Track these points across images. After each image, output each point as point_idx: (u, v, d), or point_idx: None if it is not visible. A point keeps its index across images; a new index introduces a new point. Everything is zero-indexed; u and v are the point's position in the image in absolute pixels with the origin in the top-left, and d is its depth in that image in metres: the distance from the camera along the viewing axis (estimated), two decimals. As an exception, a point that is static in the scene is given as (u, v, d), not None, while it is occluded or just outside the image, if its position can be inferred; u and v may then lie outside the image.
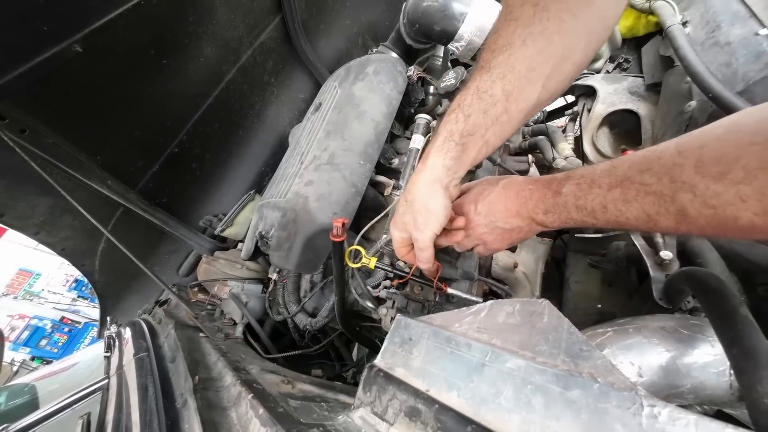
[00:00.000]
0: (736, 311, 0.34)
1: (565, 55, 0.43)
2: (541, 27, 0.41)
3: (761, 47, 0.61)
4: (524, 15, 0.42)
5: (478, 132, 0.46)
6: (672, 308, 0.53)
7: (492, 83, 0.44)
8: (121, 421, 0.49)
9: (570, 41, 0.42)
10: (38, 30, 0.74)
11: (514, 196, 0.48)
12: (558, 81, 0.45)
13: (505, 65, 0.43)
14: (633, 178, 0.35)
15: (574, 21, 0.41)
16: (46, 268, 6.22)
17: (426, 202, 0.49)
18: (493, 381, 0.37)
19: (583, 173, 0.41)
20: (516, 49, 0.42)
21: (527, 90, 0.44)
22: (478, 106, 0.45)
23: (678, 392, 0.38)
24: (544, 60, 0.42)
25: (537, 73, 0.43)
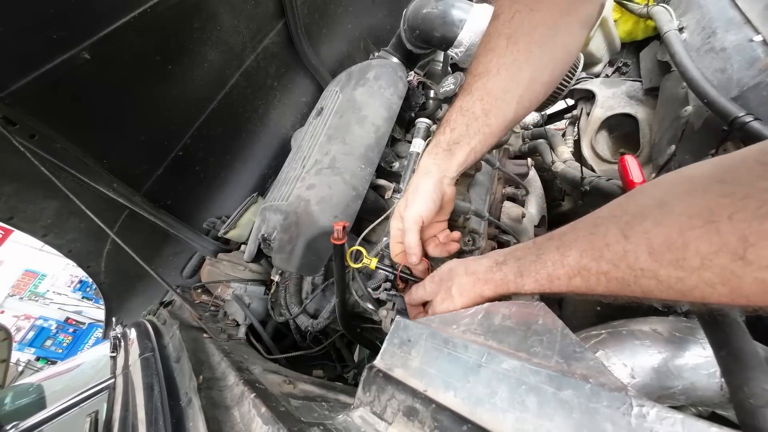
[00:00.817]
0: (726, 314, 0.35)
1: (533, 79, 0.51)
2: (512, 57, 0.49)
3: (755, 53, 0.62)
4: (498, 46, 0.50)
5: (463, 140, 0.53)
6: (667, 311, 0.54)
7: (473, 103, 0.52)
8: (128, 419, 0.51)
9: (537, 67, 0.50)
10: (48, 38, 0.76)
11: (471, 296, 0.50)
12: (530, 99, 0.53)
13: (483, 89, 0.51)
14: (589, 267, 0.36)
15: (540, 51, 0.49)
16: (51, 269, 6.28)
17: (417, 185, 0.56)
18: (489, 381, 0.38)
19: (537, 269, 0.41)
20: (492, 76, 0.51)
21: (503, 108, 0.52)
22: (461, 121, 0.53)
23: (669, 393, 0.39)
24: (516, 84, 0.51)
25: (511, 95, 0.51)
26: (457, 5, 0.90)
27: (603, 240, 0.35)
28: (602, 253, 0.35)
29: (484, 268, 0.48)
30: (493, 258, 0.49)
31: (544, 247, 0.42)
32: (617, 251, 0.33)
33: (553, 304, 0.98)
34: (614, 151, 1.02)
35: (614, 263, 0.34)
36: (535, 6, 0.48)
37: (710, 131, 0.65)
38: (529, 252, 0.44)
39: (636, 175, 0.68)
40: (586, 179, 0.86)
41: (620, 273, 0.33)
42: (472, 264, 0.51)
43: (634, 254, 0.32)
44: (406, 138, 1.14)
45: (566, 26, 0.49)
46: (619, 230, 0.34)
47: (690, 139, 0.70)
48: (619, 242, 0.34)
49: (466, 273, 0.50)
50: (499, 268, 0.47)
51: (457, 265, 0.53)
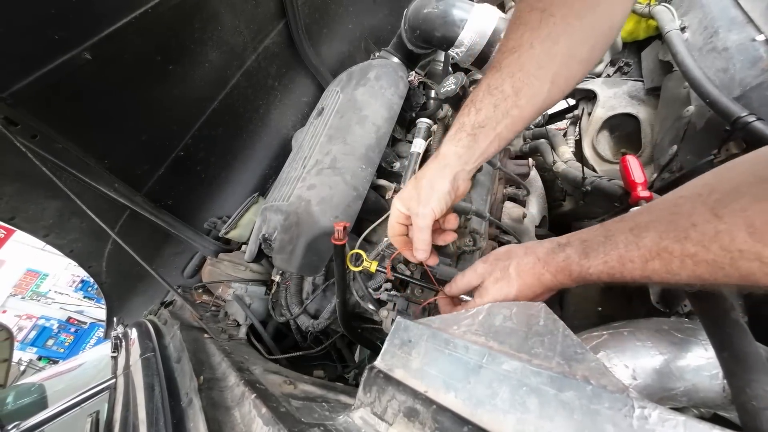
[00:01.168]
0: (728, 315, 0.35)
1: (571, 55, 0.45)
2: (547, 30, 0.44)
3: (758, 53, 0.61)
4: (532, 20, 0.45)
5: (489, 124, 0.48)
6: (669, 312, 0.54)
7: (502, 81, 0.47)
8: (129, 420, 0.51)
9: (575, 42, 0.45)
10: (50, 39, 0.76)
11: (530, 279, 0.47)
12: (566, 78, 0.47)
13: (514, 65, 0.46)
14: (671, 249, 0.33)
15: (579, 24, 0.44)
16: (53, 268, 6.30)
17: (432, 180, 0.51)
18: (490, 382, 0.38)
19: (607, 250, 0.38)
20: (525, 50, 0.45)
21: (536, 86, 0.46)
22: (488, 100, 0.48)
23: (671, 395, 0.39)
24: (551, 59, 0.45)
25: (545, 71, 0.45)
26: (458, 5, 0.90)
27: (688, 220, 0.32)
28: (687, 234, 0.32)
29: (545, 249, 0.45)
30: (555, 240, 0.45)
31: (614, 229, 0.39)
32: (707, 232, 0.31)
33: (555, 304, 0.98)
34: (616, 151, 1.01)
35: (703, 245, 0.31)
36: None
37: (712, 131, 0.64)
38: (596, 233, 0.41)
39: (638, 175, 0.67)
40: (588, 179, 0.86)
41: (711, 255, 0.30)
42: (533, 245, 0.48)
43: (729, 234, 0.29)
44: (406, 138, 1.14)
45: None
46: (707, 209, 0.31)
47: (692, 139, 0.70)
48: (709, 222, 0.31)
49: (526, 253, 0.47)
50: (561, 249, 0.43)
51: (515, 247, 0.49)
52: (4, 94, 0.75)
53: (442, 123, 0.98)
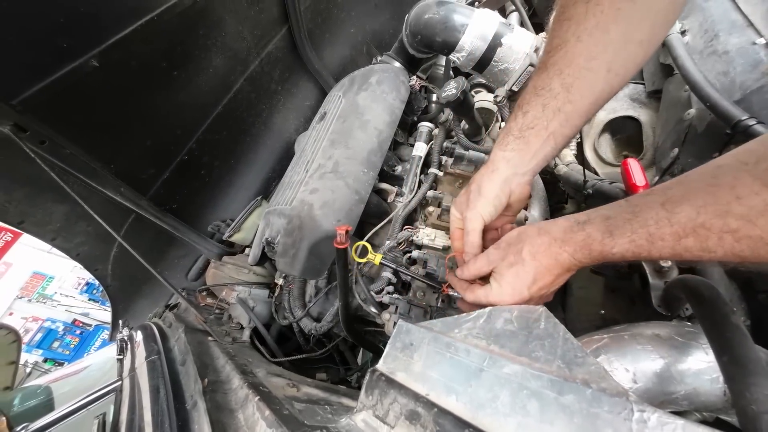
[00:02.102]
0: (727, 319, 0.35)
1: (627, 39, 0.42)
2: (594, 21, 0.41)
3: (758, 56, 0.61)
4: (577, 13, 0.42)
5: (539, 124, 0.46)
6: (670, 315, 0.54)
7: (549, 80, 0.45)
8: (135, 422, 0.51)
9: (629, 26, 0.41)
10: (58, 47, 0.78)
11: (546, 261, 0.44)
12: (625, 64, 0.44)
13: (562, 62, 0.44)
14: (710, 224, 0.30)
15: (631, 5, 0.40)
16: (59, 271, 6.36)
17: (480, 184, 0.51)
18: (491, 386, 0.38)
19: (634, 227, 0.35)
20: (571, 45, 0.43)
21: (590, 79, 0.43)
22: (536, 101, 0.46)
23: (672, 399, 0.39)
24: (603, 48, 0.42)
25: (598, 62, 0.42)
26: (459, 10, 0.91)
27: (731, 192, 0.29)
28: (730, 207, 0.29)
29: (562, 228, 0.42)
30: (572, 218, 0.42)
31: (642, 204, 0.36)
32: (754, 205, 0.28)
33: (557, 307, 0.98)
34: (617, 154, 1.01)
35: (749, 219, 0.28)
36: None
37: (713, 134, 0.64)
38: (621, 210, 0.38)
39: (639, 178, 0.67)
40: (589, 182, 0.86)
41: (757, 231, 0.28)
42: (547, 224, 0.44)
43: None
44: (408, 142, 1.15)
45: None
46: (755, 179, 0.28)
47: (693, 142, 0.70)
48: (757, 194, 0.28)
49: (539, 234, 0.44)
50: (581, 227, 0.40)
51: (527, 228, 0.47)
52: (14, 101, 0.76)
53: (444, 127, 0.99)
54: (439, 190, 0.91)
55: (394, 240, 0.84)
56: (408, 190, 0.94)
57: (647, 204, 0.36)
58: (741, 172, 0.30)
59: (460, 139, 0.89)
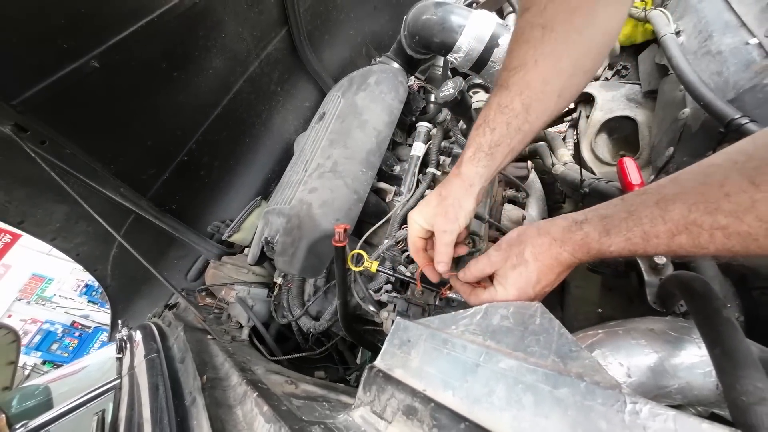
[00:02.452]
0: (719, 313, 0.35)
1: (575, 68, 0.47)
2: (550, 47, 0.45)
3: (751, 56, 0.62)
4: (534, 37, 0.46)
5: (504, 142, 0.50)
6: (665, 312, 0.54)
7: (511, 99, 0.48)
8: (134, 418, 0.52)
9: (578, 56, 0.46)
10: (59, 48, 0.79)
11: (548, 261, 0.46)
12: (571, 91, 0.49)
13: (521, 83, 0.47)
14: (701, 221, 0.31)
15: (580, 38, 0.45)
16: (58, 273, 6.34)
17: (460, 199, 0.54)
18: (487, 381, 0.38)
19: (630, 226, 0.37)
20: (530, 68, 0.47)
21: (544, 102, 0.48)
22: (501, 119, 0.49)
23: (666, 392, 0.39)
24: (557, 75, 0.47)
25: (551, 87, 0.47)
26: (456, 12, 0.92)
27: (720, 190, 0.31)
28: (719, 204, 0.30)
29: (560, 228, 0.44)
30: (570, 218, 0.44)
31: (636, 203, 0.37)
32: (742, 202, 0.29)
33: (555, 306, 0.98)
34: (614, 154, 1.02)
35: (737, 216, 0.29)
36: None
37: (708, 133, 0.65)
38: (616, 209, 0.39)
39: (634, 177, 0.68)
40: (586, 181, 0.86)
41: (745, 227, 0.29)
42: (545, 224, 0.46)
43: (766, 204, 0.28)
44: (407, 142, 1.16)
45: (605, 6, 0.44)
46: (743, 177, 0.29)
47: (688, 141, 0.71)
48: (744, 191, 0.29)
49: (539, 234, 0.46)
50: (579, 227, 0.42)
51: (526, 228, 0.48)
52: (15, 101, 0.77)
53: (442, 126, 1.00)
54: (437, 190, 0.91)
55: (392, 239, 0.84)
56: (406, 190, 0.94)
57: (642, 202, 0.37)
58: (731, 170, 0.31)
59: (458, 139, 0.90)
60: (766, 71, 0.59)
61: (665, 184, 0.36)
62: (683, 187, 0.34)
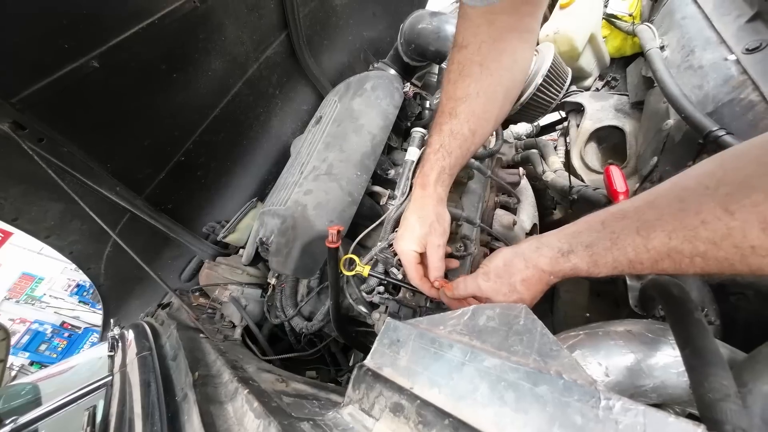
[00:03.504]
0: (690, 315, 0.37)
1: (506, 98, 0.61)
2: (487, 82, 0.57)
3: (729, 72, 0.65)
4: (473, 73, 0.57)
5: (458, 163, 0.62)
6: (646, 315, 0.56)
7: (461, 126, 0.59)
8: (125, 414, 0.52)
9: (507, 89, 0.59)
10: (60, 47, 0.79)
11: (539, 287, 0.49)
12: (502, 115, 0.63)
13: (467, 112, 0.58)
14: (681, 249, 0.33)
15: (508, 74, 0.58)
16: (49, 272, 6.25)
17: (440, 214, 0.64)
18: (471, 378, 0.40)
19: (615, 256, 0.38)
20: (473, 99, 0.57)
21: (485, 126, 0.61)
22: (455, 144, 0.60)
23: (641, 391, 0.41)
24: (493, 104, 0.59)
25: (490, 114, 0.60)
26: (451, 22, 0.95)
27: (696, 217, 0.32)
28: (697, 232, 0.31)
29: (548, 260, 0.45)
30: (554, 247, 0.45)
31: (618, 230, 0.39)
32: (718, 229, 0.30)
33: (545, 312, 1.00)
34: (603, 162, 1.05)
35: (714, 242, 0.30)
36: (497, 37, 0.55)
37: (689, 144, 0.68)
38: (599, 237, 0.41)
39: (620, 184, 0.71)
40: (574, 188, 0.89)
41: (722, 253, 0.30)
42: (531, 255, 0.47)
43: (742, 231, 0.29)
44: (402, 146, 1.18)
45: (521, 49, 0.57)
46: (717, 204, 0.30)
47: (671, 151, 0.73)
48: (719, 219, 0.30)
49: (527, 267, 0.48)
50: (566, 258, 0.44)
51: (512, 258, 0.50)
52: (13, 99, 0.78)
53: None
54: (431, 194, 0.93)
55: (385, 241, 0.85)
56: (400, 193, 0.96)
57: (623, 229, 0.38)
58: (704, 197, 0.32)
59: (452, 145, 0.92)
60: (743, 86, 0.62)
61: (642, 207, 0.38)
62: (661, 212, 0.36)
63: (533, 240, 0.49)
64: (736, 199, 0.30)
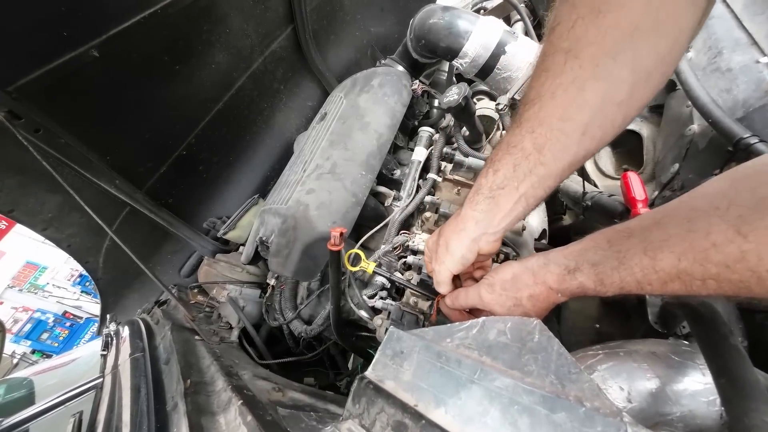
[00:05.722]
0: (726, 340, 0.34)
1: (605, 100, 0.38)
2: (572, 76, 0.38)
3: (761, 75, 0.61)
4: (555, 64, 0.39)
5: (510, 185, 0.44)
6: (667, 333, 0.53)
7: (522, 137, 0.43)
8: (112, 422, 0.50)
9: (609, 85, 0.38)
10: (58, 35, 0.77)
11: (546, 305, 0.46)
12: (602, 126, 0.40)
13: (534, 119, 0.42)
14: (692, 271, 0.31)
15: (612, 63, 0.36)
16: (52, 262, 6.31)
17: (448, 241, 0.51)
18: (481, 399, 0.37)
19: (623, 276, 0.37)
20: (546, 101, 0.40)
21: (562, 141, 0.40)
22: (507, 160, 0.44)
23: (667, 420, 0.37)
24: (578, 109, 0.39)
25: (572, 124, 0.40)
26: (464, 17, 0.91)
27: (707, 240, 0.30)
28: (708, 255, 0.30)
29: (555, 277, 0.43)
30: (561, 264, 0.43)
31: (624, 250, 0.37)
32: (731, 253, 0.29)
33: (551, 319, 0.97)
34: (618, 167, 1.01)
35: (727, 266, 0.29)
36: (605, 6, 0.35)
37: (715, 151, 0.64)
38: (605, 257, 0.39)
39: (638, 192, 0.67)
40: (588, 194, 0.85)
41: (737, 276, 0.29)
42: (539, 271, 0.45)
43: (757, 255, 0.27)
44: (408, 146, 1.15)
45: (656, 25, 0.35)
46: (729, 226, 0.29)
47: (694, 158, 0.70)
48: (732, 242, 0.29)
49: (536, 282, 0.45)
50: (573, 276, 0.42)
51: (521, 272, 0.47)
52: (9, 88, 0.75)
53: (444, 132, 0.99)
54: (437, 196, 0.90)
55: (389, 244, 0.83)
56: (406, 195, 0.93)
57: (630, 250, 0.37)
58: (714, 217, 0.31)
59: (460, 146, 0.89)
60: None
61: (650, 226, 0.36)
62: (669, 233, 0.34)
63: (541, 256, 0.46)
64: (749, 221, 0.28)
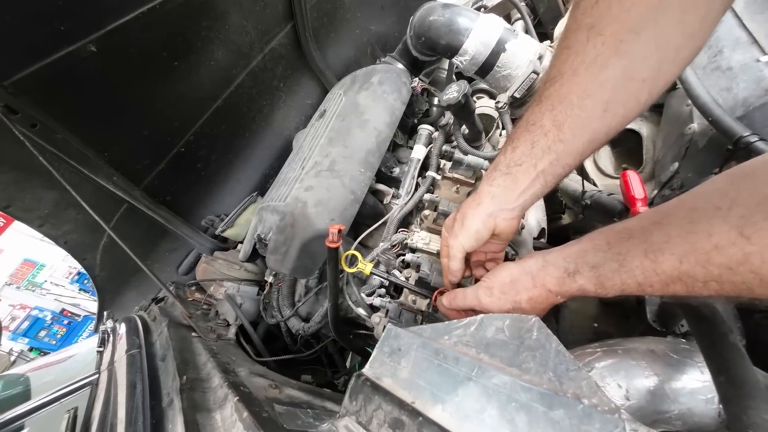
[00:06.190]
0: (725, 339, 0.33)
1: (627, 76, 0.38)
2: (594, 53, 0.38)
3: (762, 74, 0.61)
4: (577, 42, 0.39)
5: (527, 162, 0.44)
6: (665, 331, 0.53)
7: (541, 115, 0.43)
8: (107, 418, 0.49)
9: (632, 62, 0.37)
10: (55, 29, 0.76)
11: (545, 306, 0.46)
12: (625, 104, 0.39)
13: (555, 96, 0.41)
14: (694, 273, 0.31)
15: (635, 40, 0.36)
16: (50, 259, 6.28)
17: (464, 215, 0.51)
18: (478, 396, 0.37)
19: (623, 279, 0.36)
20: (567, 78, 0.40)
21: (583, 118, 0.40)
22: (525, 137, 0.44)
23: (665, 418, 0.37)
24: (600, 86, 0.39)
25: (593, 100, 0.39)
26: (464, 14, 0.91)
27: (708, 241, 0.30)
28: (710, 257, 0.30)
29: (555, 280, 0.43)
30: (560, 266, 0.43)
31: (624, 251, 0.36)
32: (734, 255, 0.28)
33: (550, 318, 0.97)
34: (617, 166, 1.01)
35: (729, 268, 0.29)
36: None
37: (715, 150, 0.64)
38: (605, 259, 0.38)
39: (638, 190, 0.67)
40: (587, 193, 0.85)
41: (739, 278, 0.28)
42: (538, 273, 0.45)
43: (760, 257, 0.27)
44: (408, 144, 1.14)
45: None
46: (731, 228, 0.29)
47: (694, 157, 0.70)
48: (734, 244, 0.28)
49: (535, 285, 0.45)
50: (572, 279, 0.41)
51: (519, 275, 0.47)
52: (5, 82, 0.75)
53: (444, 130, 0.98)
54: (436, 194, 0.90)
55: (388, 242, 0.82)
56: (405, 193, 0.92)
57: (630, 252, 0.36)
58: (716, 218, 0.30)
59: (460, 144, 0.88)
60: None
61: (649, 228, 0.35)
62: (669, 235, 0.33)
63: (539, 256, 0.46)
64: (752, 222, 0.28)
